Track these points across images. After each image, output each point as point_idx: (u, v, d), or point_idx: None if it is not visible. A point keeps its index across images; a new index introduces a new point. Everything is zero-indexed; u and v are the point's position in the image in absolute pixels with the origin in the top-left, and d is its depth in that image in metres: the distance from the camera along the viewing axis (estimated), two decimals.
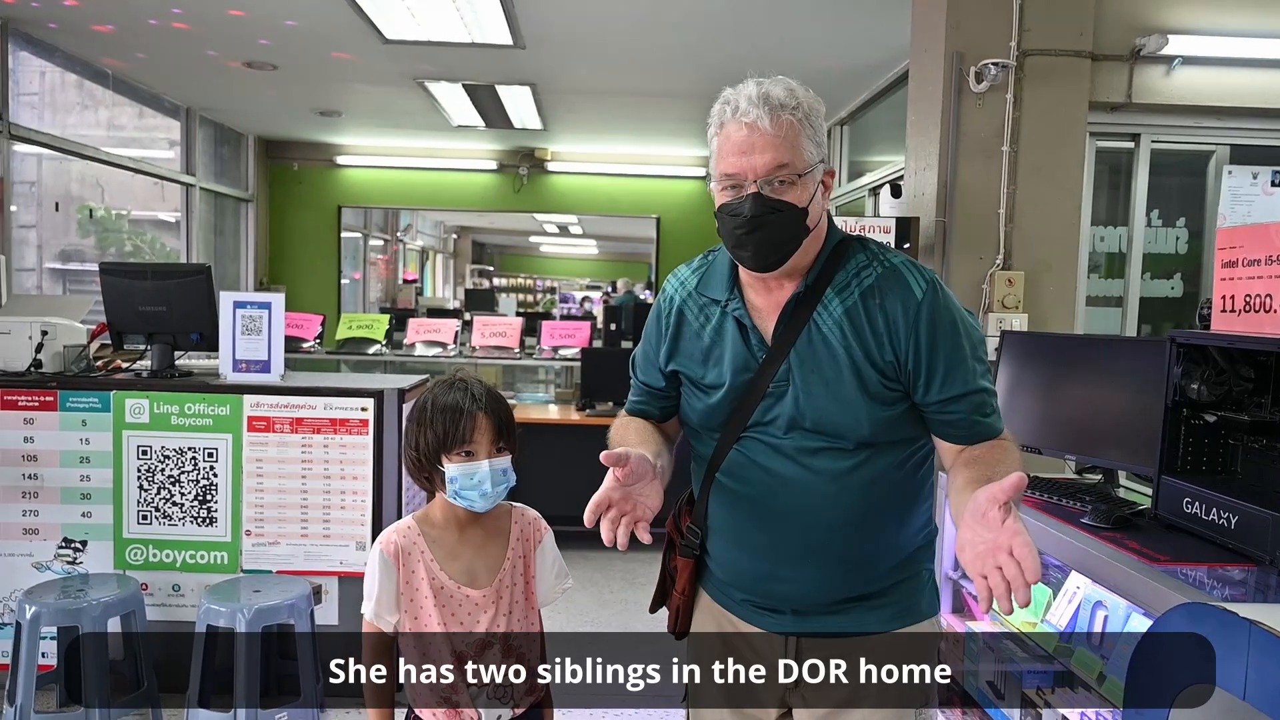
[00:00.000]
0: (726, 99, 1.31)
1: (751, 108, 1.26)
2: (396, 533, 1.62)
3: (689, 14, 4.46)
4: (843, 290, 1.33)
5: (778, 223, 1.28)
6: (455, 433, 1.54)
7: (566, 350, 5.93)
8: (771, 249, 1.30)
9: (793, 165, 1.27)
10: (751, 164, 1.27)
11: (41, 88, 6.13)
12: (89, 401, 3.05)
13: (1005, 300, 3.42)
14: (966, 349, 1.31)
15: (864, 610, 1.32)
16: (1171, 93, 3.61)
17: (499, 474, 1.56)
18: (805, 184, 1.29)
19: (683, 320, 1.44)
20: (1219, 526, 1.72)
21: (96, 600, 2.71)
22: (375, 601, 1.59)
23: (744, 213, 1.27)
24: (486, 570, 1.60)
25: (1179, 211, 3.96)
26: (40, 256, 6.53)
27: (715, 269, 1.43)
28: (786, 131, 1.27)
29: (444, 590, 1.58)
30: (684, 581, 1.48)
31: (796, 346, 1.33)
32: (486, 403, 1.56)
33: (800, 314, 1.34)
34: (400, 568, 1.59)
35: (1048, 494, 2.23)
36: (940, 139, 3.45)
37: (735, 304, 1.38)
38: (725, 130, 1.30)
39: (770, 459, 1.35)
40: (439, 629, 1.56)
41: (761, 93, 1.27)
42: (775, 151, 1.26)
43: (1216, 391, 1.81)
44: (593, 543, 1.75)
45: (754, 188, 1.27)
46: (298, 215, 8.69)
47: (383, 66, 5.59)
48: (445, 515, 1.61)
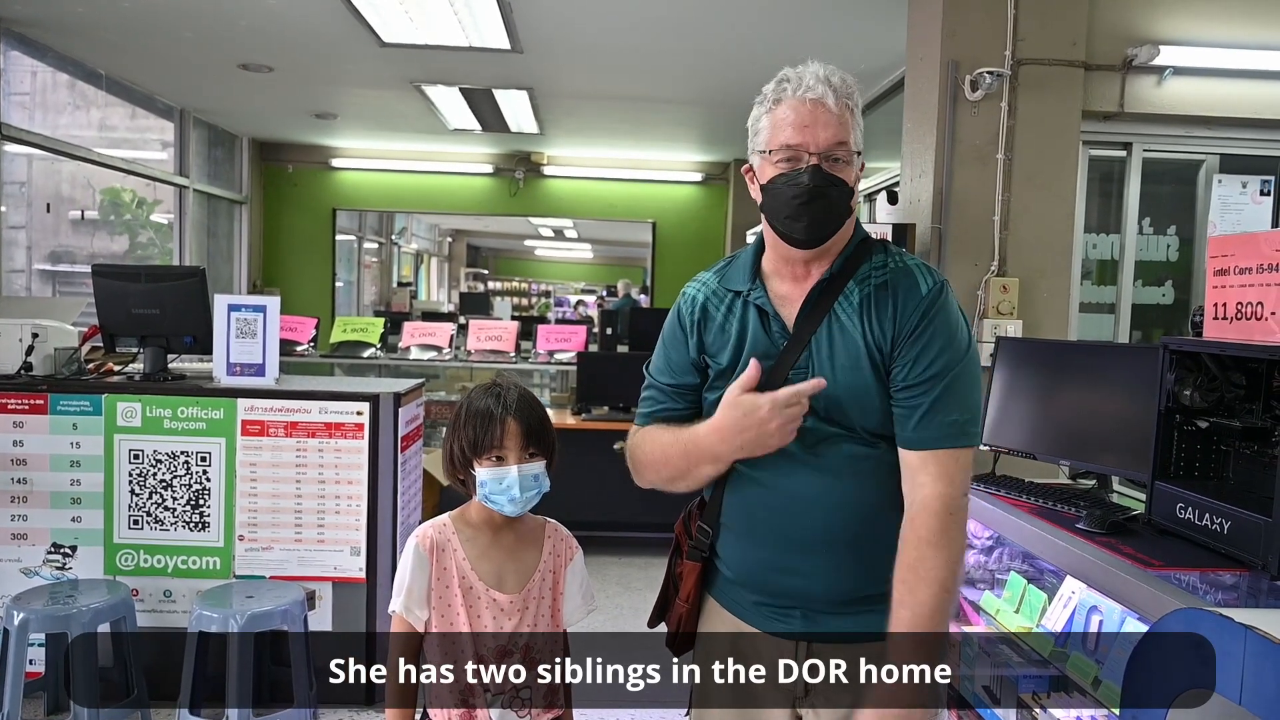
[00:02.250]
0: (786, 77, 1.35)
1: (818, 84, 1.32)
2: (433, 528, 1.62)
3: (685, 20, 4.47)
4: (862, 282, 1.37)
5: (834, 196, 1.33)
6: (485, 438, 1.54)
7: (563, 354, 5.93)
8: (824, 222, 1.34)
9: (849, 144, 1.33)
10: (815, 137, 1.31)
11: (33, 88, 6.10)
12: (80, 405, 3.04)
13: (1000, 306, 3.43)
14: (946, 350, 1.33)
15: (873, 613, 1.33)
16: (1163, 102, 3.64)
17: (529, 480, 1.55)
18: (854, 166, 1.35)
19: (707, 315, 1.45)
20: (1212, 532, 1.72)
21: (86, 606, 2.68)
22: (406, 594, 1.58)
23: (804, 182, 1.32)
24: (516, 576, 1.60)
25: (1170, 219, 3.99)
26: (30, 258, 6.50)
27: (738, 264, 1.47)
28: (844, 113, 1.33)
29: (472, 590, 1.58)
30: (689, 587, 1.48)
31: (817, 334, 1.36)
32: (517, 408, 1.56)
33: (823, 303, 1.37)
34: (434, 563, 1.58)
35: (1042, 499, 2.24)
36: (936, 146, 3.47)
37: (757, 292, 1.41)
38: (783, 106, 1.34)
39: (790, 445, 1.36)
40: (465, 628, 1.56)
41: (825, 74, 1.33)
42: (836, 128, 1.32)
43: (1209, 398, 1.81)
44: (586, 547, 1.75)
45: (815, 160, 1.32)
46: (292, 218, 8.67)
47: (379, 70, 5.58)
48: (480, 516, 1.62)
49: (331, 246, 8.78)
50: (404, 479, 3.21)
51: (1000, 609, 2.32)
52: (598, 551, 4.80)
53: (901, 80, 4.07)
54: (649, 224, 8.89)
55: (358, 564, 3.05)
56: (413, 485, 3.40)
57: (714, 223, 8.58)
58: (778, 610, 1.41)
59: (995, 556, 2.51)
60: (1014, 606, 2.26)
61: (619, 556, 4.91)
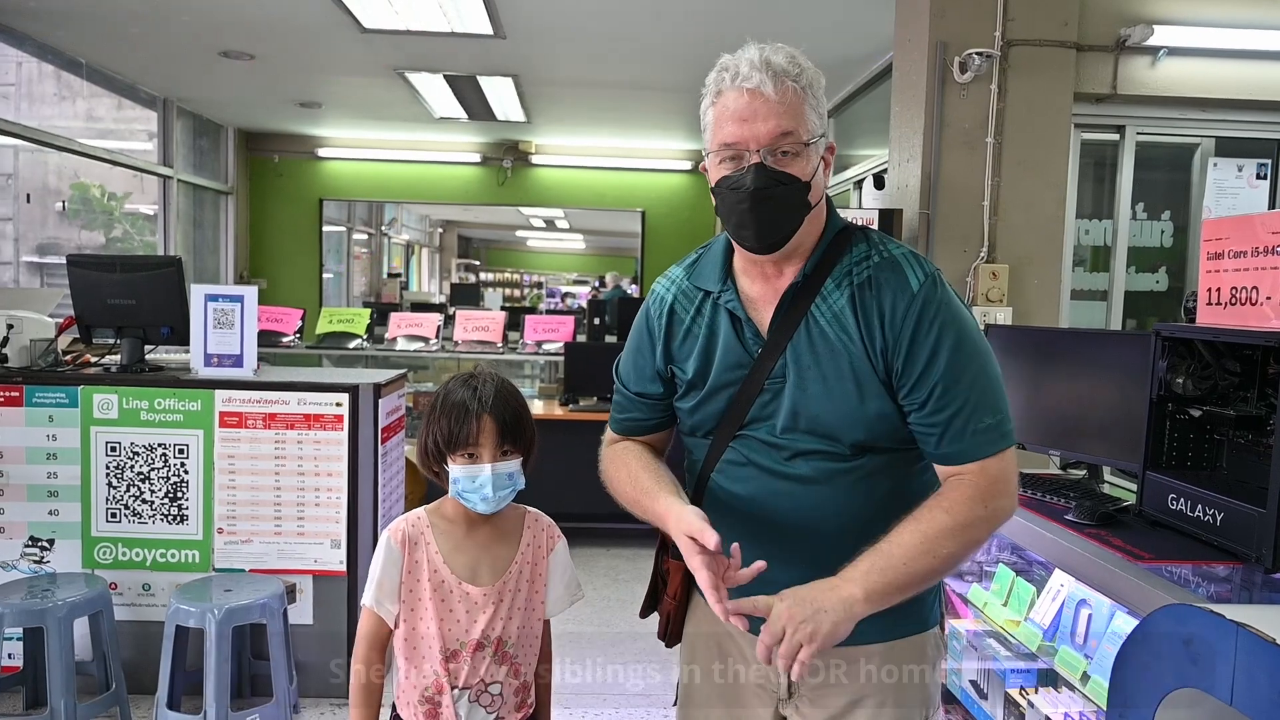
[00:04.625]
0: (724, 65, 1.22)
1: (754, 72, 1.18)
2: (406, 522, 1.58)
3: (670, 4, 4.40)
4: (841, 281, 1.24)
5: (782, 196, 1.20)
6: (459, 433, 1.49)
7: (550, 345, 5.88)
8: (775, 226, 1.21)
9: (797, 134, 1.19)
10: (754, 132, 1.18)
11: (19, 78, 6.02)
12: (56, 397, 2.98)
13: (989, 294, 3.39)
14: (955, 352, 1.19)
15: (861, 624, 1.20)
16: (1157, 84, 3.59)
17: (503, 478, 1.51)
18: (809, 156, 1.21)
19: (674, 317, 1.35)
20: (1204, 523, 1.69)
21: (63, 600, 2.64)
22: (377, 587, 1.54)
23: (745, 184, 1.19)
24: (491, 569, 1.56)
25: (1164, 204, 3.94)
26: (17, 250, 6.43)
27: (708, 259, 1.36)
28: (790, 98, 1.19)
29: (444, 585, 1.54)
30: (676, 585, 1.42)
31: (794, 341, 1.25)
32: (493, 404, 1.51)
33: (798, 306, 1.25)
34: (406, 556, 1.54)
35: (1032, 490, 2.20)
36: (924, 130, 3.42)
37: (728, 295, 1.30)
38: (724, 98, 1.21)
39: (766, 458, 1.28)
40: (433, 623, 1.52)
41: (763, 58, 1.19)
42: (779, 119, 1.18)
43: (1202, 386, 1.78)
44: (573, 539, 1.71)
45: (756, 158, 1.19)
46: (278, 208, 8.59)
47: (362, 57, 5.51)
48: (456, 510, 1.58)
49: (318, 237, 8.71)
50: (385, 471, 3.16)
51: (988, 602, 2.29)
52: (585, 543, 4.77)
53: (890, 66, 4.02)
54: (638, 213, 8.83)
55: (338, 557, 3.01)
56: (394, 477, 3.35)
57: (703, 211, 8.51)
58: None
59: (983, 548, 2.47)
60: (1002, 599, 2.22)
61: (607, 548, 4.87)
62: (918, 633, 1.34)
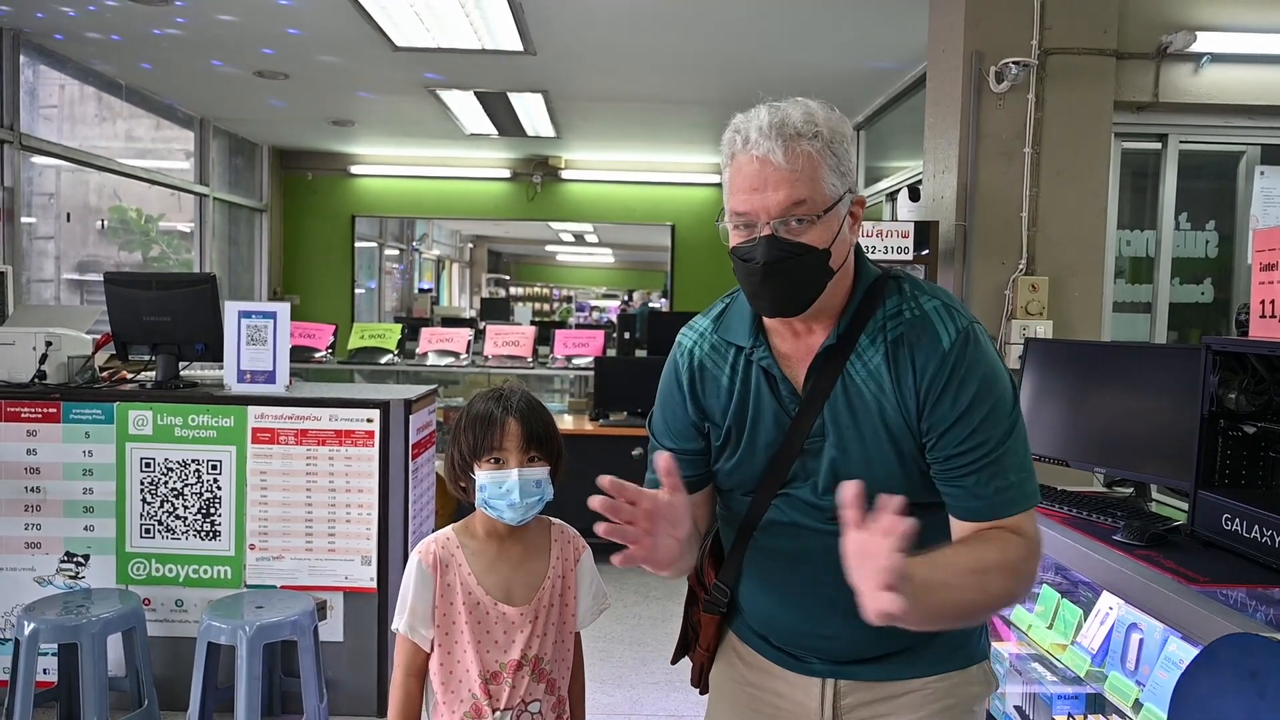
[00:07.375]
0: (737, 128, 1.16)
1: (763, 139, 1.11)
2: (435, 543, 1.55)
3: (701, 19, 4.39)
4: (876, 338, 1.19)
5: (796, 267, 1.13)
6: (484, 439, 1.48)
7: (580, 359, 5.86)
8: (790, 297, 1.15)
9: (811, 203, 1.12)
10: (764, 203, 1.12)
11: (61, 100, 6.17)
12: (92, 413, 3.02)
13: (1029, 306, 3.31)
14: (983, 408, 1.15)
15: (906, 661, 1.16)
16: (1200, 91, 3.50)
17: (530, 485, 1.48)
18: (828, 221, 1.14)
19: (705, 373, 1.30)
20: (1261, 545, 1.62)
21: (97, 616, 2.66)
22: (410, 614, 1.52)
23: (756, 258, 1.13)
24: (525, 587, 1.54)
25: (1208, 214, 3.84)
26: (58, 267, 6.57)
27: (735, 311, 1.30)
28: (804, 164, 1.11)
29: (480, 606, 1.51)
30: (709, 638, 1.38)
31: (830, 400, 1.20)
32: (519, 410, 1.49)
33: (832, 364, 1.20)
34: (438, 579, 1.52)
35: (1076, 509, 2.13)
36: (960, 141, 3.36)
37: (761, 352, 1.25)
38: (736, 163, 1.16)
39: (809, 518, 1.23)
40: (470, 646, 1.50)
41: (775, 121, 1.12)
42: (791, 188, 1.11)
43: (1256, 401, 1.71)
44: (606, 554, 1.67)
45: (768, 229, 1.13)
46: (312, 225, 8.70)
47: (393, 75, 5.57)
48: (485, 528, 1.56)
49: (351, 253, 8.80)
50: (415, 487, 3.15)
51: (1032, 624, 2.21)
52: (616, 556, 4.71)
53: (923, 76, 3.97)
54: (668, 227, 8.81)
55: (369, 574, 3.00)
56: (425, 493, 3.34)
57: None
58: (800, 660, 1.31)
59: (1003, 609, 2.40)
60: (1047, 622, 2.15)
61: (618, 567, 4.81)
62: (965, 667, 1.29)
